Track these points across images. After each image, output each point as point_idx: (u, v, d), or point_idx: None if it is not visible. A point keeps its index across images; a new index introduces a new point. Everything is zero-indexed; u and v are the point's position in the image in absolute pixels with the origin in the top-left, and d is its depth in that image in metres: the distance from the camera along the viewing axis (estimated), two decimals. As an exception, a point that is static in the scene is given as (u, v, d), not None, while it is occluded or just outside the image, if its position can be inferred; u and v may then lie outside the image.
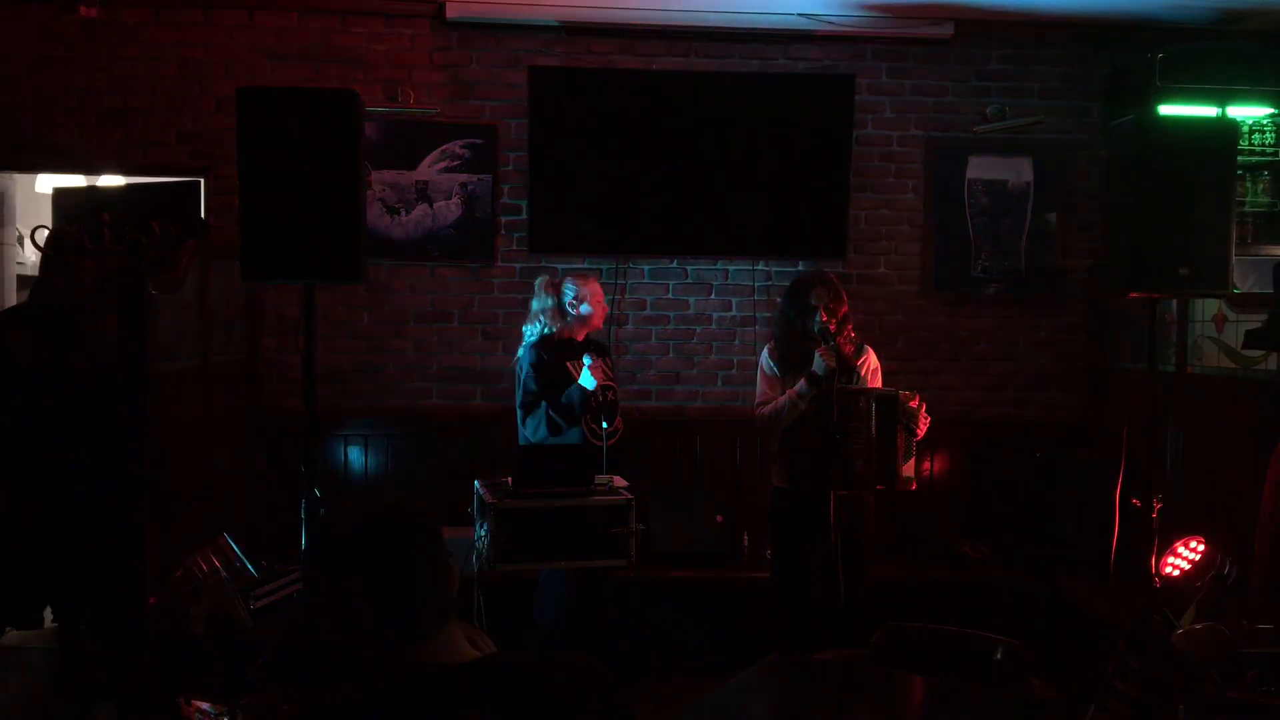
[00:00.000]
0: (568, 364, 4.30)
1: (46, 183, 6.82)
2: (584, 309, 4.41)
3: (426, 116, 5.22)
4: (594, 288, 4.49)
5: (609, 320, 5.28)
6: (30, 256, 5.86)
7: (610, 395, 4.30)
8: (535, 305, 4.46)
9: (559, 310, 4.39)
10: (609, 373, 4.45)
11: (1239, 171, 4.69)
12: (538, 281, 4.52)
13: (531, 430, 4.31)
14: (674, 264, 5.37)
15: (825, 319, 3.95)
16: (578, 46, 5.27)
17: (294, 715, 1.59)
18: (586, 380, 4.20)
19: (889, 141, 5.45)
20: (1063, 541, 4.92)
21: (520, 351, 4.45)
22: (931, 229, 5.45)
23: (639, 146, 5.14)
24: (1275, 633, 3.42)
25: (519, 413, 4.39)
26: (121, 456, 3.71)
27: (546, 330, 4.40)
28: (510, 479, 3.73)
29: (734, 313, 5.41)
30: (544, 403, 4.26)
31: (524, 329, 4.51)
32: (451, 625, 1.60)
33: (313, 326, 3.59)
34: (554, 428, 4.25)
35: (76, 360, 3.84)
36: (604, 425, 4.18)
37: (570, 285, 4.44)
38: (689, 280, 5.40)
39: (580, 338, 4.43)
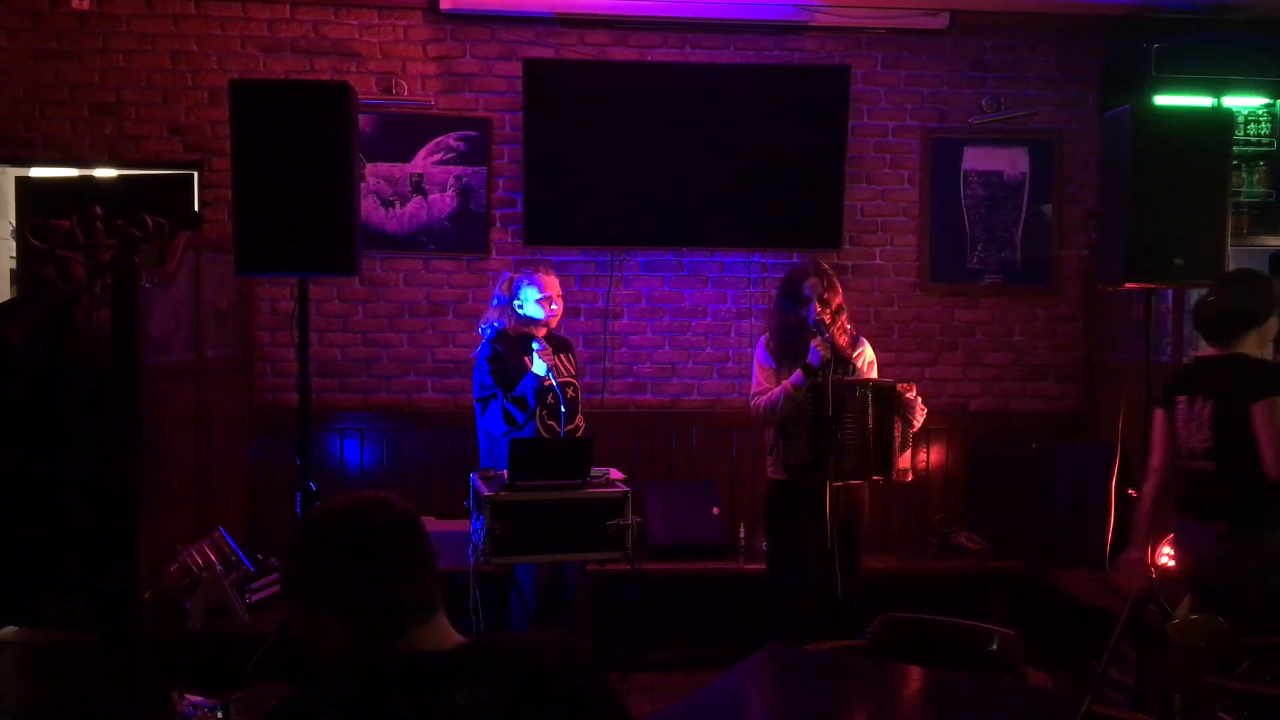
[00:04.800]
0: (525, 359, 4.19)
1: (37, 176, 6.79)
2: (528, 309, 4.28)
3: (420, 109, 5.20)
4: (544, 284, 4.29)
5: (602, 314, 5.28)
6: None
7: (570, 392, 4.29)
8: (492, 302, 4.39)
9: (510, 308, 4.31)
10: (568, 368, 4.36)
11: (1234, 162, 4.68)
12: (502, 277, 4.43)
13: (491, 423, 4.24)
14: (669, 256, 5.36)
15: (820, 310, 3.94)
16: (572, 38, 5.26)
17: (272, 709, 1.56)
18: (538, 367, 4.13)
19: (885, 132, 5.44)
20: (1059, 532, 4.92)
21: (477, 350, 4.37)
22: (927, 220, 5.45)
23: (634, 138, 5.13)
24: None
25: (475, 408, 4.31)
26: (116, 450, 3.71)
27: (499, 325, 4.33)
28: (506, 472, 3.72)
29: (729, 305, 5.40)
30: (499, 394, 4.21)
31: (479, 328, 4.43)
32: (438, 617, 1.58)
33: (307, 320, 3.59)
34: (510, 420, 4.18)
35: (70, 354, 3.83)
36: (562, 423, 4.14)
37: (519, 282, 4.32)
38: (684, 272, 5.39)
39: (540, 334, 4.29)
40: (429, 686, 1.49)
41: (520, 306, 4.30)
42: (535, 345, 4.17)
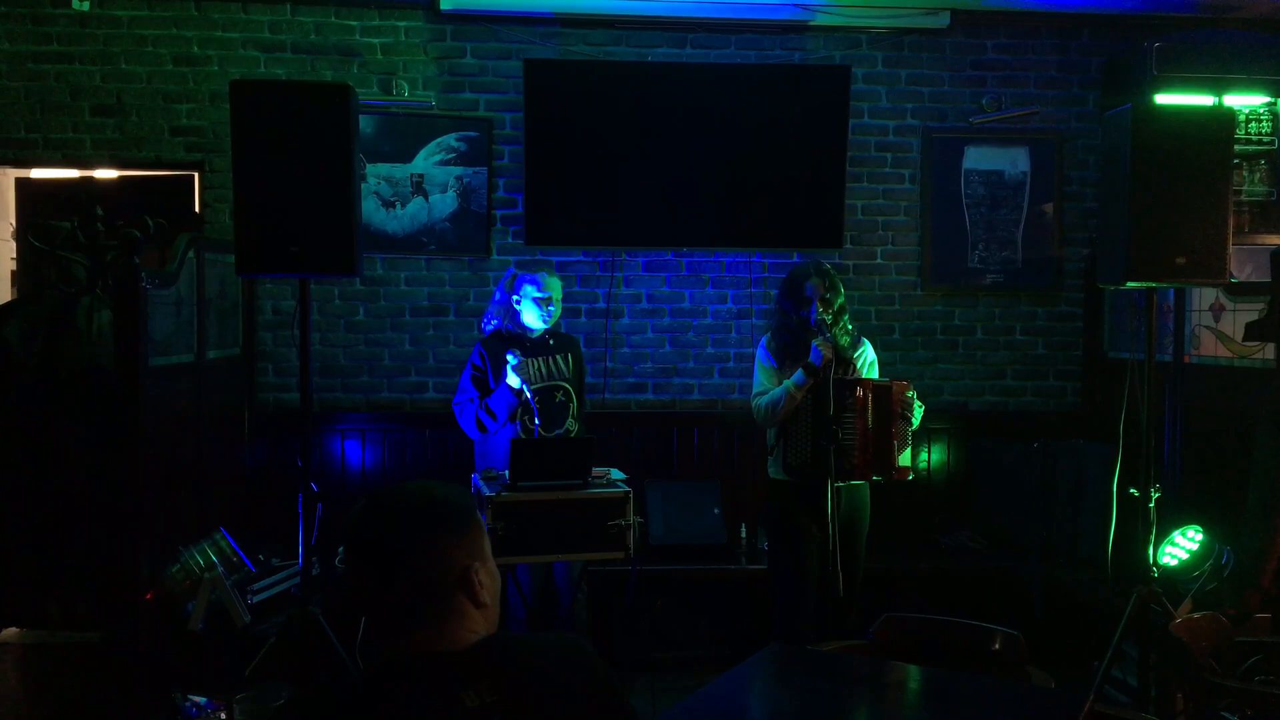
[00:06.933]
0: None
1: (38, 177, 6.80)
2: (524, 306, 4.21)
3: (421, 109, 5.20)
4: (545, 284, 4.22)
5: (603, 314, 5.28)
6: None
7: (559, 396, 4.23)
8: (494, 296, 4.35)
9: (510, 305, 4.26)
10: (560, 370, 4.28)
11: (1235, 160, 4.68)
12: (506, 272, 4.36)
13: (467, 425, 4.21)
14: (670, 256, 5.36)
15: (821, 310, 3.94)
16: (573, 38, 5.26)
17: (280, 708, 1.57)
18: (511, 380, 4.08)
19: (885, 132, 5.44)
20: (1060, 531, 4.93)
21: (474, 349, 4.31)
22: (928, 219, 5.45)
23: (634, 138, 5.12)
24: (1273, 621, 3.42)
25: (454, 409, 4.27)
26: (117, 451, 3.71)
27: (495, 325, 4.29)
28: (508, 472, 3.71)
29: (730, 305, 5.40)
30: (476, 399, 4.19)
31: (480, 324, 4.39)
32: (450, 618, 1.56)
33: (308, 320, 3.59)
34: (481, 426, 4.16)
35: (71, 354, 3.83)
36: (535, 432, 4.09)
37: (522, 279, 4.25)
38: (685, 273, 5.39)
39: (531, 337, 4.25)
40: (437, 688, 1.48)
41: (518, 303, 4.25)
42: (511, 359, 4.09)
